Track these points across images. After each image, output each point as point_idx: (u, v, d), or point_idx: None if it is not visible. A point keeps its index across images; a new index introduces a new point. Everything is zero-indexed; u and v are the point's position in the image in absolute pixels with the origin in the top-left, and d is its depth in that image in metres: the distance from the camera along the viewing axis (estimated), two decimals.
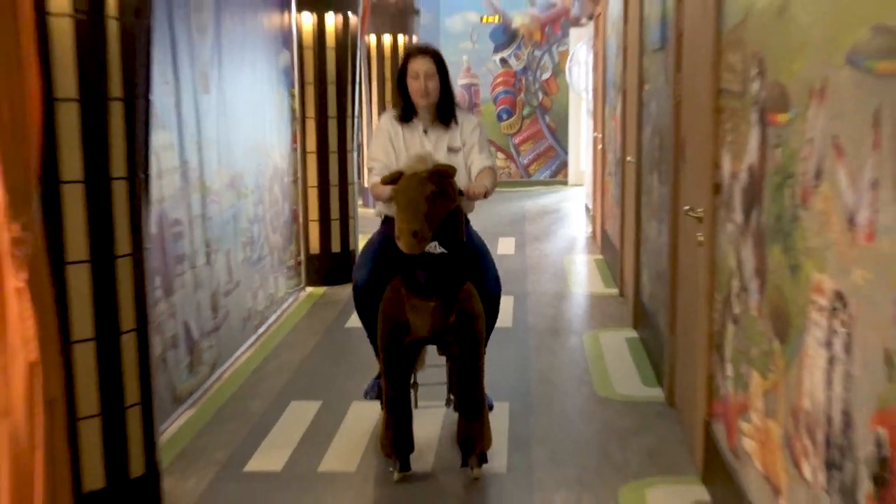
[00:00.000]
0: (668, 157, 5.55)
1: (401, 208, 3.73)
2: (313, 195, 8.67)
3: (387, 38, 13.34)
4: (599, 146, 10.58)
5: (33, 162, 3.18)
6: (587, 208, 12.90)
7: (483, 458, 4.30)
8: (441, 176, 3.82)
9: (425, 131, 4.49)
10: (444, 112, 4.45)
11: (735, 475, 3.79)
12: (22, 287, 3.15)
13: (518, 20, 16.65)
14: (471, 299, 4.10)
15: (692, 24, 4.79)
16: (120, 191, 3.64)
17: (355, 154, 8.93)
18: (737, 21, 3.82)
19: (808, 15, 2.89)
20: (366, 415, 5.20)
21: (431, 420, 4.99)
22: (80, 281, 3.56)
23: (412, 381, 4.62)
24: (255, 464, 4.72)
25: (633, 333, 7.08)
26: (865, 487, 2.39)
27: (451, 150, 4.42)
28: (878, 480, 2.30)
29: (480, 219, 4.73)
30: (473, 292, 4.14)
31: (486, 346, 4.32)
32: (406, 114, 4.43)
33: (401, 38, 13.44)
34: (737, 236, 3.82)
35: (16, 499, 3.23)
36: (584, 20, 14.51)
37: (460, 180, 4.19)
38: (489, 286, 4.36)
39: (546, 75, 16.75)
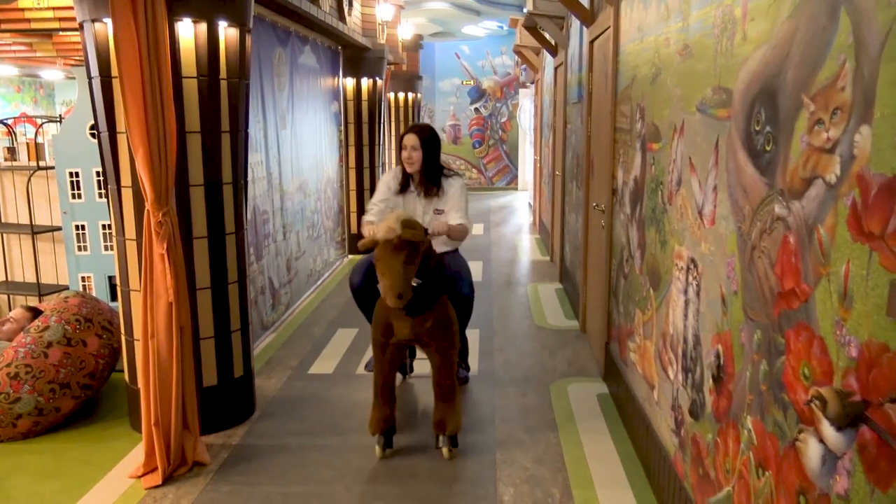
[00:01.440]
0: (582, 172, 5.52)
1: (384, 274, 2.99)
2: (353, 195, 8.59)
3: (401, 95, 13.20)
4: (538, 165, 10.50)
5: (171, 172, 3.14)
6: (530, 205, 12.81)
7: (454, 442, 3.40)
8: (408, 242, 2.98)
9: (418, 195, 3.79)
10: (428, 182, 3.74)
11: (625, 376, 3.78)
12: (163, 253, 3.12)
13: (486, 83, 16.47)
14: (443, 309, 3.34)
15: (598, 87, 4.73)
16: (228, 191, 3.59)
17: (380, 169, 8.84)
18: (626, 84, 3.78)
19: (671, 80, 2.85)
20: None
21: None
22: (201, 249, 3.52)
23: (408, 353, 3.90)
24: (315, 368, 4.69)
25: (559, 285, 7.05)
26: (708, 383, 2.38)
27: (437, 211, 3.77)
28: (716, 378, 2.30)
29: None
30: (447, 303, 3.39)
31: (460, 342, 3.50)
32: (404, 185, 3.77)
33: (410, 95, 13.30)
34: (626, 222, 3.79)
35: (159, 390, 3.21)
36: (528, 84, 14.39)
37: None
38: (463, 291, 3.71)
39: (504, 119, 16.58)
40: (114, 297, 4.54)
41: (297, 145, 6.24)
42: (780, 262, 1.78)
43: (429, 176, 3.75)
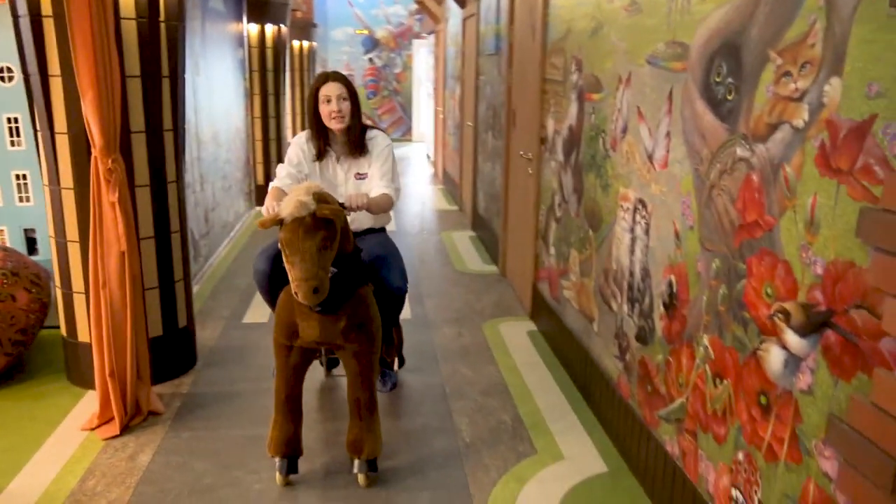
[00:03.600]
0: (500, 122, 5.71)
1: (293, 262, 2.34)
2: (258, 146, 8.40)
3: (296, 43, 12.83)
4: (441, 116, 10.61)
5: (118, 117, 3.04)
6: (429, 157, 12.95)
7: (372, 466, 2.80)
8: (325, 220, 2.36)
9: (338, 159, 3.13)
10: (357, 139, 3.09)
11: (557, 313, 4.05)
12: (115, 201, 3.04)
13: (380, 33, 16.28)
14: (361, 305, 2.68)
15: (522, 39, 4.89)
16: (168, 139, 3.50)
17: (285, 119, 8.68)
18: (559, 37, 3.95)
19: (616, 34, 3.05)
20: None
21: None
22: (143, 198, 3.43)
23: (322, 353, 3.40)
24: (249, 318, 4.69)
25: (472, 233, 7.28)
26: (658, 310, 2.65)
27: (358, 176, 3.13)
28: (668, 305, 2.57)
29: None
30: (367, 297, 2.72)
31: (381, 343, 2.86)
32: (322, 149, 3.10)
33: (305, 43, 12.95)
34: (558, 169, 4.01)
35: (114, 341, 3.16)
36: (423, 35, 14.39)
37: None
38: (392, 284, 3.03)
39: (398, 70, 16.51)
40: (30, 251, 4.32)
41: (211, 93, 6.05)
42: (741, 198, 2.03)
43: (357, 133, 3.10)
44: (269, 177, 8.52)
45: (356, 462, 2.81)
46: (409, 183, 10.66)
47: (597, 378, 3.34)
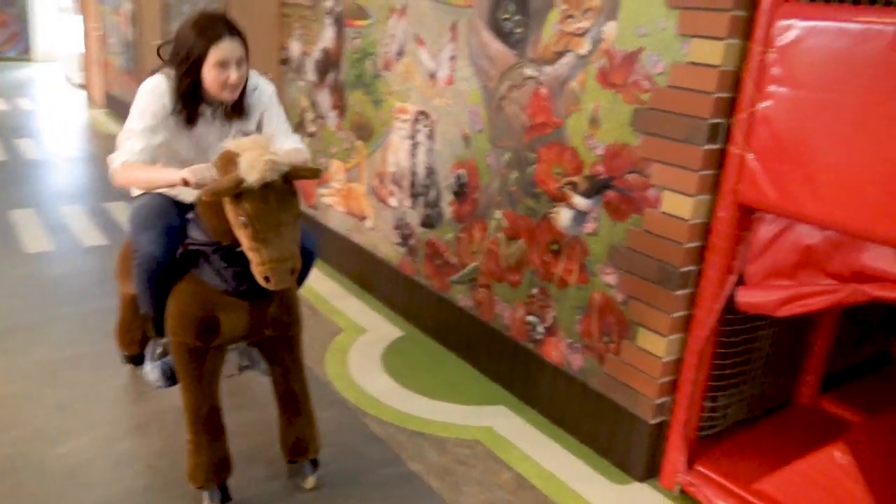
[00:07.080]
0: None
1: (264, 239, 1.84)
2: None
3: None
4: (97, 34, 9.62)
5: None
6: (69, 79, 11.58)
7: (315, 464, 2.43)
8: (291, 184, 1.92)
9: (212, 115, 2.27)
10: (244, 98, 2.29)
11: (316, 218, 4.46)
12: None
13: None
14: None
15: None
16: None
17: None
18: None
19: None
20: (78, 210, 4.83)
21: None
22: None
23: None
24: (31, 248, 4.28)
25: None
26: (448, 199, 3.32)
27: (244, 136, 2.28)
28: (458, 194, 3.25)
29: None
30: None
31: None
32: (191, 110, 2.21)
33: None
34: (309, 88, 4.35)
35: None
36: None
37: None
38: (309, 249, 2.31)
39: None
40: None
41: None
42: (531, 106, 2.77)
43: (243, 95, 2.29)
44: None
45: (304, 465, 2.41)
46: (59, 108, 9.59)
47: (373, 265, 3.93)
